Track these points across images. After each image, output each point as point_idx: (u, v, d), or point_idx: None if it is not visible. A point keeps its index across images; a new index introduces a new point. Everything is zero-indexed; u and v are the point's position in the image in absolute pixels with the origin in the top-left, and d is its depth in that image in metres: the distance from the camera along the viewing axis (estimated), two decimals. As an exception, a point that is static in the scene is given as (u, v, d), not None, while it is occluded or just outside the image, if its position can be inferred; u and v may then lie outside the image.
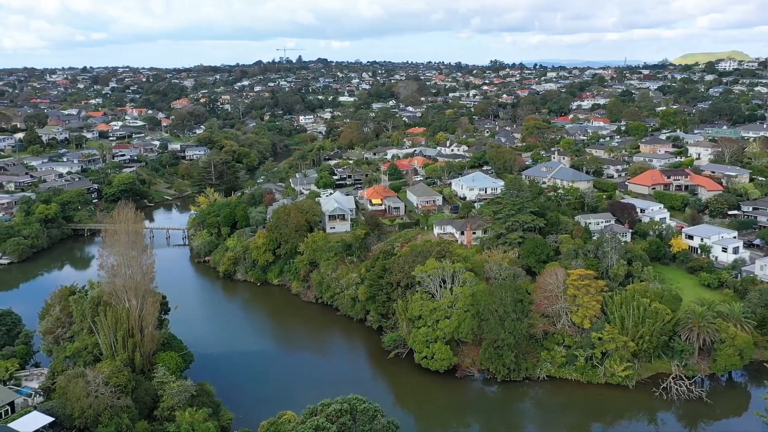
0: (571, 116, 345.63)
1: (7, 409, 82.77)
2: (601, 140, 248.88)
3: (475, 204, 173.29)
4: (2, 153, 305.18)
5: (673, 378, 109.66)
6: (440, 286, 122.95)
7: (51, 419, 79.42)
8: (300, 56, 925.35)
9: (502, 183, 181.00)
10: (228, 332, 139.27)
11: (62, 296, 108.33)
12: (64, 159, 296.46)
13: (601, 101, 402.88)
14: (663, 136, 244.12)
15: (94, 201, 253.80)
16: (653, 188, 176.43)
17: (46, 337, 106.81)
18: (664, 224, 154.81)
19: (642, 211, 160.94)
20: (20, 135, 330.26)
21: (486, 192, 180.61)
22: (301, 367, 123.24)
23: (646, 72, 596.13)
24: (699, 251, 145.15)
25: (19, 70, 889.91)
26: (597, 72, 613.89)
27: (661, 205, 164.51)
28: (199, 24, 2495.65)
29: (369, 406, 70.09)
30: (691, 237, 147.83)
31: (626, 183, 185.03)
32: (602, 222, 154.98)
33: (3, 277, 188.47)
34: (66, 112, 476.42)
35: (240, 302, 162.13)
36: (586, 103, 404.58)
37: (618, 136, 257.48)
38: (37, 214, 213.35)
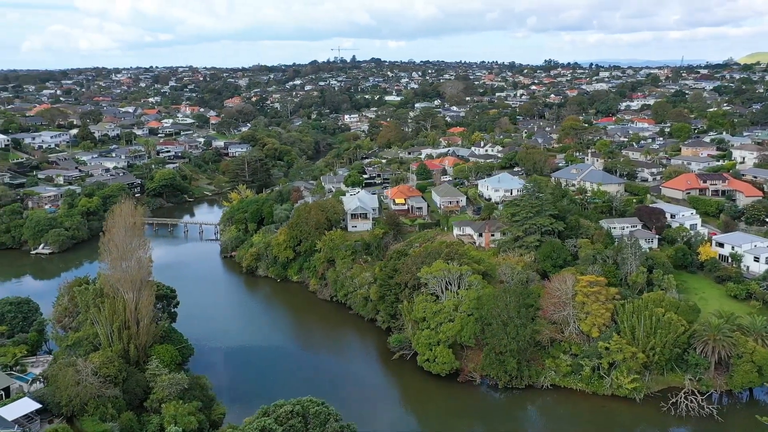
0: (614, 117, 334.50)
1: (1, 395, 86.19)
2: (642, 142, 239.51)
3: (499, 205, 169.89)
4: (57, 148, 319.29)
5: (685, 393, 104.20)
6: (446, 288, 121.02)
7: (38, 406, 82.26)
8: (354, 56, 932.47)
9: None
10: (241, 327, 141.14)
11: (72, 287, 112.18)
12: (113, 154, 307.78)
13: (652, 102, 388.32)
14: (708, 139, 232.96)
15: (136, 195, 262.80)
16: (688, 193, 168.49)
17: (56, 326, 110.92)
18: (694, 230, 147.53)
19: (672, 216, 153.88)
20: (75, 131, 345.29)
21: (511, 193, 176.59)
22: (306, 365, 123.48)
23: (704, 72, 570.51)
24: (729, 260, 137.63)
25: (88, 70, 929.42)
26: (652, 72, 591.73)
27: (693, 211, 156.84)
28: (259, 25, 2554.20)
29: (322, 409, 69.08)
30: (721, 245, 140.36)
31: (660, 187, 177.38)
32: (627, 227, 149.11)
33: (44, 266, 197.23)
34: (123, 109, 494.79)
35: (258, 298, 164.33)
36: (636, 104, 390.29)
37: (661, 138, 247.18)
38: (79, 207, 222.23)
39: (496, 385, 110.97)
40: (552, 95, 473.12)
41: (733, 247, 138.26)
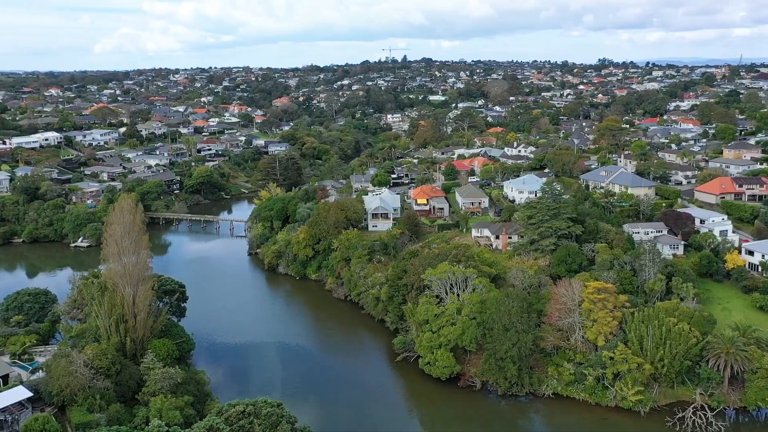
0: (658, 118, 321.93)
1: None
2: (683, 144, 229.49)
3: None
4: (106, 145, 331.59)
5: (694, 407, 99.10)
6: (450, 291, 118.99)
7: (30, 394, 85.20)
8: (405, 56, 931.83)
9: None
10: (253, 324, 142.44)
11: (82, 280, 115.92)
12: (157, 152, 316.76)
13: (709, 102, 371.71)
14: (753, 141, 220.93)
15: (175, 192, 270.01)
16: (722, 197, 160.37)
17: (66, 317, 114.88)
18: (723, 237, 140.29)
19: (702, 221, 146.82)
20: (124, 129, 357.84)
21: (535, 195, 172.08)
22: (311, 363, 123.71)
23: (764, 70, 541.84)
24: (759, 269, 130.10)
25: (148, 71, 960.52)
26: (708, 71, 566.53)
27: (725, 216, 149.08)
28: (316, 26, 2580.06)
29: (274, 410, 68.50)
30: (751, 252, 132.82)
31: (694, 190, 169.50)
32: (652, 232, 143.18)
33: (82, 258, 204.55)
34: (174, 108, 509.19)
35: (274, 295, 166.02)
36: (686, 104, 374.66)
37: (704, 140, 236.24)
38: (118, 202, 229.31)
39: (497, 392, 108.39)
40: (600, 95, 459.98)
41: (763, 256, 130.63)
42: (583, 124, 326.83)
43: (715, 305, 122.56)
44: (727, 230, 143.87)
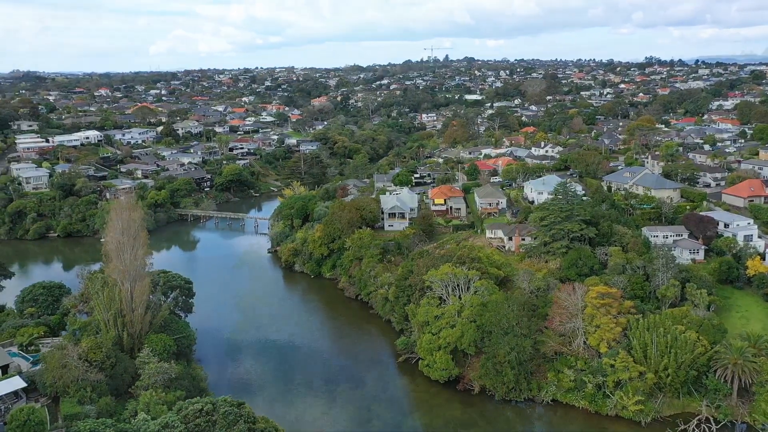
0: (697, 117, 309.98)
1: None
2: (718, 144, 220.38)
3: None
4: (143, 144, 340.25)
5: (699, 420, 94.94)
6: (451, 293, 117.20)
7: (24, 384, 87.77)
8: (447, 55, 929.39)
9: (578, 187, 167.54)
10: (261, 320, 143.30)
11: (88, 274, 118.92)
12: (191, 150, 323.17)
13: (750, 101, 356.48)
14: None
15: (206, 189, 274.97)
16: (750, 200, 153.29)
17: (73, 311, 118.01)
18: (748, 242, 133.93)
19: (726, 225, 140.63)
20: (162, 128, 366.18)
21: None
22: (313, 361, 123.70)
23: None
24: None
25: (195, 71, 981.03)
26: (757, 68, 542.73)
27: (751, 221, 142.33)
28: (362, 26, 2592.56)
29: (232, 410, 68.29)
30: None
31: (721, 193, 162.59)
32: (671, 236, 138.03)
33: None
34: (214, 108, 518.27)
35: (287, 292, 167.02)
36: (729, 103, 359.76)
37: (741, 140, 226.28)
38: (149, 199, 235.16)
39: (494, 396, 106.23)
40: (641, 94, 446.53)
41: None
42: (620, 124, 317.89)
43: (733, 313, 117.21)
44: (752, 235, 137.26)
